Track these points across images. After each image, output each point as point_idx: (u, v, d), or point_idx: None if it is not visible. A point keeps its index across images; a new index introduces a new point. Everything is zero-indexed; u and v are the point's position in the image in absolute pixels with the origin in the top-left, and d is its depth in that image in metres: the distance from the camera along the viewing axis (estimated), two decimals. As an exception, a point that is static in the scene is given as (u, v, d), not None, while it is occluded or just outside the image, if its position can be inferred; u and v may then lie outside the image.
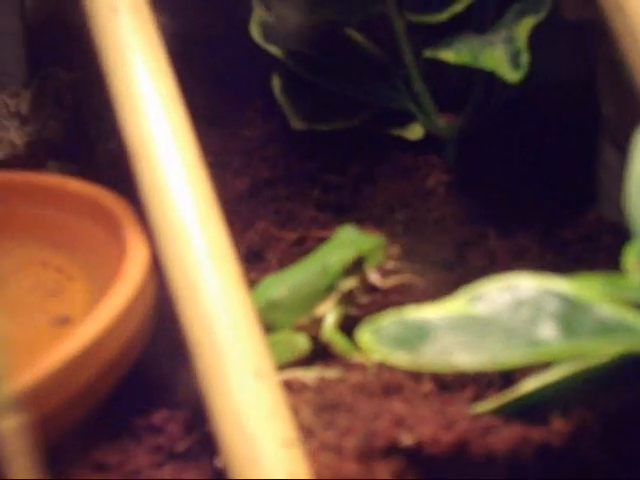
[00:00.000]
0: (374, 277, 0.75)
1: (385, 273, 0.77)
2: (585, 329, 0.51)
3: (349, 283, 0.74)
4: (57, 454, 0.59)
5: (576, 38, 0.87)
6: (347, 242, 0.75)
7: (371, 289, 0.77)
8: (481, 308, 0.52)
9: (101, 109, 0.92)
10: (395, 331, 0.52)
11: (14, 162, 0.94)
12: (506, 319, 0.52)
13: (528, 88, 0.83)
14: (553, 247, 0.84)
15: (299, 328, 0.73)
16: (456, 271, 0.83)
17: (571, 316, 0.51)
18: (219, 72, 1.00)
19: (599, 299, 0.52)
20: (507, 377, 0.65)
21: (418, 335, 0.51)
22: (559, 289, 0.52)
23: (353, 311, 0.75)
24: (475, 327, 0.51)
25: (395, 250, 0.78)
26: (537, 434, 0.57)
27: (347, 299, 0.74)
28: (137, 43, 0.69)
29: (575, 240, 0.86)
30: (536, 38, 0.80)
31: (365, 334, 0.52)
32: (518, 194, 0.90)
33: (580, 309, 0.52)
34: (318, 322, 0.73)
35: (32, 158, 0.95)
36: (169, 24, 0.91)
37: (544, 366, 0.57)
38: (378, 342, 0.51)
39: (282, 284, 0.74)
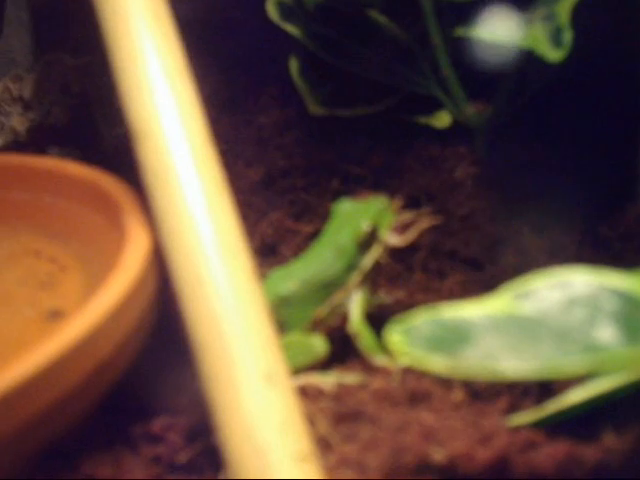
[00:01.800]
0: (394, 239, 0.70)
1: (401, 229, 0.71)
2: (650, 332, 0.44)
3: (370, 258, 0.69)
4: (42, 464, 0.57)
5: (619, 18, 0.82)
6: (351, 215, 0.70)
7: (395, 253, 0.72)
8: (529, 307, 0.46)
9: (107, 95, 0.91)
10: (430, 331, 0.45)
11: (15, 149, 0.92)
12: (558, 320, 0.46)
13: (565, 74, 0.80)
14: (590, 245, 0.81)
15: (316, 322, 0.68)
16: (486, 271, 0.80)
17: (633, 316, 0.45)
18: (233, 56, 0.97)
19: (665, 298, 0.46)
20: (544, 385, 0.61)
21: (457, 337, 0.45)
22: (618, 286, 0.46)
23: (379, 299, 0.72)
24: (522, 329, 0.45)
25: (398, 201, 0.72)
26: (587, 452, 0.52)
27: (372, 277, 0.70)
28: (144, 20, 0.65)
29: (614, 238, 0.82)
30: (575, 17, 0.75)
31: (395, 334, 0.46)
32: (553, 188, 0.85)
33: None
34: (338, 311, 0.69)
35: (33, 144, 0.93)
36: (182, 7, 0.86)
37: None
38: (410, 344, 0.45)
39: (292, 277, 0.69)
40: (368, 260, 0.69)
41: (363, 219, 0.69)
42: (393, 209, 0.71)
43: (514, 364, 0.44)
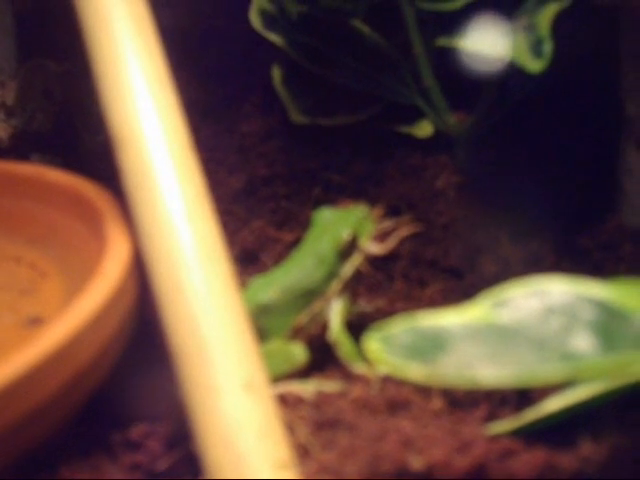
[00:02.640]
0: (374, 247, 0.70)
1: (381, 238, 0.71)
2: (627, 341, 0.44)
3: (350, 266, 0.69)
4: (20, 472, 0.56)
5: (599, 28, 0.82)
6: (331, 224, 0.70)
7: (376, 262, 0.73)
8: (506, 316, 0.46)
9: (90, 101, 0.90)
10: (408, 339, 0.45)
11: (-3, 156, 0.91)
12: (535, 328, 0.46)
13: (546, 84, 0.80)
14: (570, 255, 0.81)
15: (296, 330, 0.68)
16: (466, 279, 0.80)
17: (610, 326, 0.45)
18: (216, 64, 0.96)
19: (641, 307, 0.46)
20: (523, 393, 0.61)
21: (434, 345, 0.45)
22: (596, 295, 0.46)
23: (359, 308, 0.72)
24: (499, 337, 0.45)
25: (379, 210, 0.72)
26: (564, 460, 0.52)
27: (352, 286, 0.70)
28: (125, 26, 0.65)
29: (594, 248, 0.82)
30: (555, 28, 0.75)
31: (373, 342, 0.46)
32: (533, 198, 0.84)
33: (620, 318, 0.46)
34: (318, 319, 0.69)
35: (16, 151, 0.93)
36: (166, 15, 0.86)
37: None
38: (388, 352, 0.45)
39: (273, 285, 0.68)
40: (348, 268, 0.69)
41: (343, 227, 0.69)
42: (373, 217, 0.71)
43: (491, 372, 0.44)
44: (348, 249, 0.69)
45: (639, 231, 0.81)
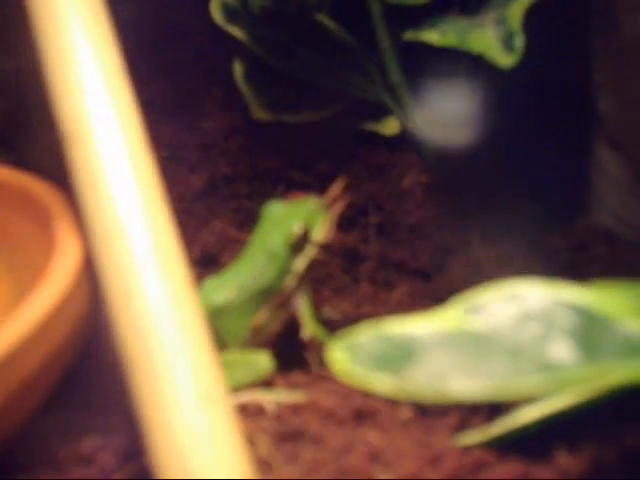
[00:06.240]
0: (327, 237, 0.68)
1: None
2: (607, 349, 0.42)
3: (303, 260, 0.67)
4: None
5: (570, 23, 0.81)
6: (281, 218, 0.68)
7: (342, 264, 0.73)
8: (480, 322, 0.44)
9: (44, 99, 0.87)
10: (375, 349, 0.43)
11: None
12: (511, 336, 0.43)
13: (516, 81, 0.78)
14: (542, 256, 0.80)
15: (256, 330, 0.66)
16: (435, 281, 0.79)
17: (590, 333, 0.43)
18: (176, 59, 0.94)
19: (623, 312, 0.43)
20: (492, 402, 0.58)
21: (403, 354, 0.42)
22: (575, 300, 0.44)
23: (325, 315, 0.71)
24: (473, 345, 0.43)
25: (338, 187, 0.70)
26: (541, 472, 0.50)
27: (310, 280, 0.68)
28: (77, 17, 0.63)
29: (566, 248, 0.81)
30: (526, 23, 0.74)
31: (338, 352, 0.43)
32: (503, 198, 0.84)
33: (600, 324, 0.44)
34: (279, 317, 0.67)
35: None
36: (125, 9, 0.84)
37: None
38: (354, 362, 0.42)
39: (226, 285, 0.67)
40: (301, 262, 0.67)
41: (294, 221, 0.67)
42: (326, 208, 0.69)
43: (464, 384, 0.41)
44: (300, 243, 0.67)
45: (611, 231, 0.80)
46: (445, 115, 0.85)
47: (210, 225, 0.82)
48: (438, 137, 0.85)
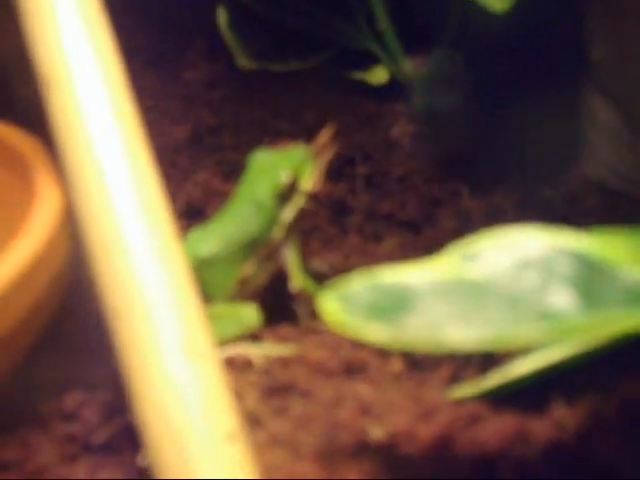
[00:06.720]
0: (315, 186, 0.67)
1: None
2: (609, 297, 0.41)
3: (291, 210, 0.66)
4: None
5: None
6: (268, 167, 0.67)
7: (329, 216, 0.73)
8: (476, 271, 0.42)
9: (22, 50, 0.86)
10: (370, 298, 0.41)
11: None
12: (509, 285, 0.42)
13: (506, 28, 0.77)
14: (533, 208, 0.78)
15: (243, 282, 0.65)
16: (424, 233, 0.78)
17: (590, 281, 0.42)
18: (159, 8, 0.92)
19: (623, 259, 0.42)
20: (488, 353, 0.57)
21: (399, 304, 0.41)
22: (574, 247, 0.43)
23: (313, 267, 0.70)
24: (470, 294, 0.42)
25: (328, 131, 0.70)
26: (536, 426, 0.49)
27: (298, 230, 0.68)
28: None
29: (558, 200, 0.80)
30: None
31: (331, 302, 0.41)
32: (493, 148, 0.83)
33: (602, 272, 0.42)
34: (266, 268, 0.66)
35: None
36: None
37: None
38: (348, 312, 0.40)
39: (212, 237, 0.66)
40: (289, 212, 0.66)
41: (282, 170, 0.66)
42: (314, 157, 0.68)
43: (462, 334, 0.40)
44: (288, 192, 0.66)
45: (604, 182, 0.79)
46: (434, 65, 0.83)
47: (194, 177, 0.81)
48: (426, 86, 0.84)
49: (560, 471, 0.46)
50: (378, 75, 0.84)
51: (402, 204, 0.79)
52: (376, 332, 0.40)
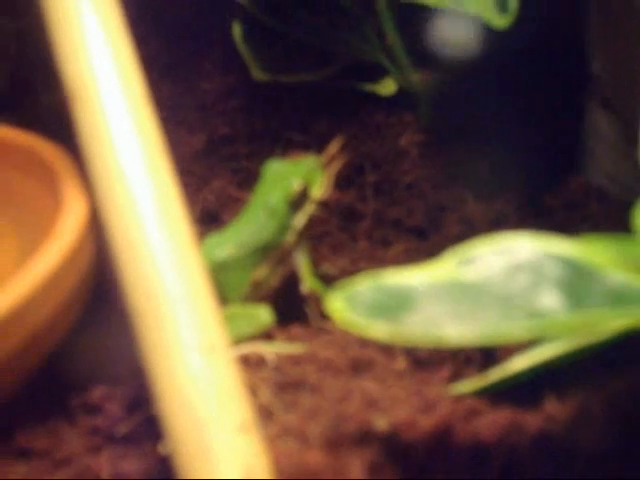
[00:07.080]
0: (325, 194, 0.70)
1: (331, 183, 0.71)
2: (594, 299, 0.44)
3: (302, 216, 0.69)
4: None
5: None
6: (281, 176, 0.69)
7: (339, 223, 0.74)
8: (472, 273, 0.45)
9: (47, 59, 0.88)
10: (373, 298, 0.44)
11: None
12: (501, 286, 0.45)
13: (511, 41, 0.78)
14: (534, 214, 0.80)
15: (256, 284, 0.68)
16: (430, 239, 0.79)
17: (577, 284, 0.45)
18: (176, 20, 0.94)
19: (609, 264, 0.45)
20: (487, 353, 0.60)
21: (400, 303, 0.44)
22: (562, 252, 0.46)
23: (322, 270, 0.72)
24: (466, 295, 0.44)
25: (338, 142, 0.72)
26: (529, 419, 0.51)
27: (309, 237, 0.70)
28: None
29: (558, 207, 0.81)
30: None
31: (337, 301, 0.45)
32: (498, 157, 0.84)
33: (587, 276, 0.45)
34: (278, 272, 0.68)
35: None
36: None
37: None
38: (352, 310, 0.44)
39: (227, 242, 0.68)
40: (301, 219, 0.68)
41: (293, 178, 0.68)
42: (324, 167, 0.70)
43: (457, 330, 0.43)
44: (300, 199, 0.68)
45: (604, 190, 0.80)
46: (441, 77, 0.85)
47: (210, 184, 0.82)
48: (434, 97, 0.85)
49: (550, 459, 0.49)
50: (387, 87, 0.86)
51: (409, 211, 0.81)
52: (378, 329, 0.43)
